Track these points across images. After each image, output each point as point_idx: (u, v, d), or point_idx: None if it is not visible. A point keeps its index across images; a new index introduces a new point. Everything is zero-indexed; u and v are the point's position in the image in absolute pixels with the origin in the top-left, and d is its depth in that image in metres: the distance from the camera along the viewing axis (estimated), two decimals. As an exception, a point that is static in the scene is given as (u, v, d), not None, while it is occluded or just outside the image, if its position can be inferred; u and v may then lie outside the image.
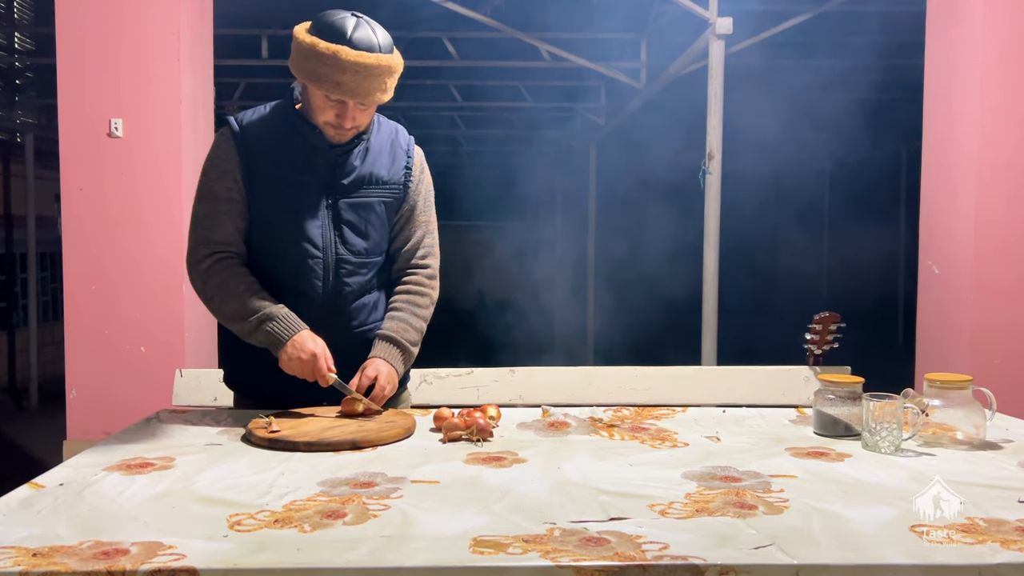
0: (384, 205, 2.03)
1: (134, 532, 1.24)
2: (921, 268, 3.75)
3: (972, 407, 1.75)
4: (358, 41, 1.84)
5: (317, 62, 1.85)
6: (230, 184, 1.96)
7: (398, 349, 2.00)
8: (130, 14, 3.58)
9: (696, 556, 1.14)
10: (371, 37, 1.86)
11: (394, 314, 2.04)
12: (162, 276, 3.59)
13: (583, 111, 9.83)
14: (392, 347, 2.00)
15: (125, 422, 2.07)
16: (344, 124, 1.91)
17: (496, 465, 1.59)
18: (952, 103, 3.55)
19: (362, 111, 1.92)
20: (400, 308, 2.05)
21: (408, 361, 2.04)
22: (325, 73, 1.84)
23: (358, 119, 1.93)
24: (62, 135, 3.60)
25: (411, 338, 2.03)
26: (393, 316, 2.04)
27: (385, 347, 2.00)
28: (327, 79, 1.85)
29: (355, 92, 1.86)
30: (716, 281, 4.41)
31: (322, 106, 1.91)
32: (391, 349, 2.00)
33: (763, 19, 5.80)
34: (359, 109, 1.91)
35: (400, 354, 2.01)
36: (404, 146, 2.08)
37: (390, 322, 2.03)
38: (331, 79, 1.84)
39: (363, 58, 1.83)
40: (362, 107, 1.91)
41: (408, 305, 2.06)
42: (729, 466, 1.58)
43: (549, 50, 6.66)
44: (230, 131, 1.98)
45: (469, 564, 1.12)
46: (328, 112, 1.91)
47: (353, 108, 1.90)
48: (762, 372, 2.54)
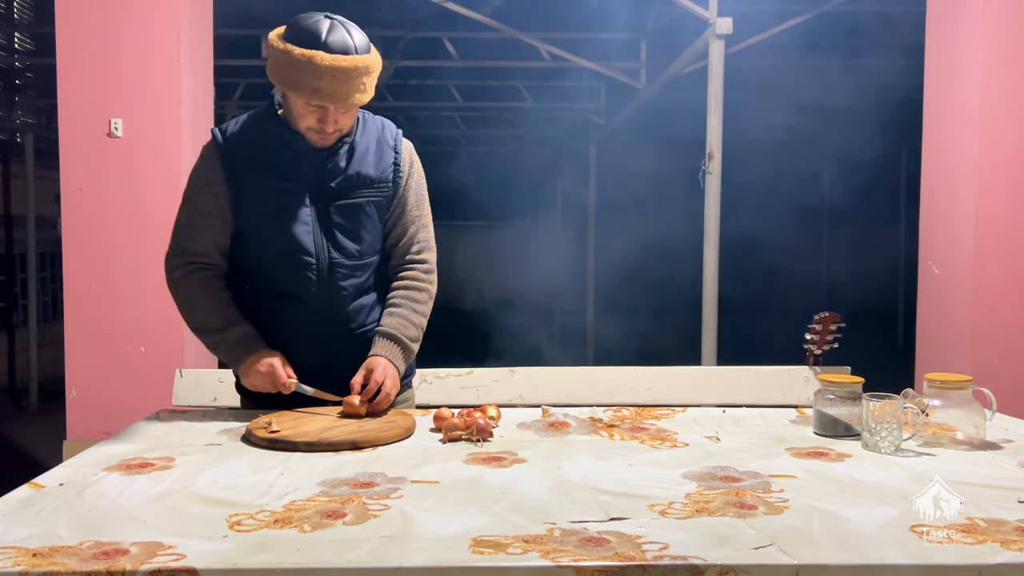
0: (374, 205, 2.02)
1: (134, 532, 1.24)
2: (921, 268, 3.75)
3: (972, 407, 1.75)
4: (333, 44, 1.82)
5: (293, 69, 1.82)
6: (208, 199, 1.96)
7: (399, 347, 1.99)
8: (130, 14, 3.58)
9: (696, 556, 1.14)
10: (346, 39, 1.84)
11: (393, 310, 2.02)
12: (162, 276, 3.54)
13: (583, 111, 9.83)
14: (392, 344, 1.98)
15: (125, 422, 2.06)
16: (326, 129, 1.90)
17: (496, 465, 1.59)
18: (952, 103, 3.55)
19: (344, 114, 1.91)
20: (399, 304, 2.03)
21: (408, 358, 2.02)
22: (301, 80, 1.82)
23: (340, 123, 1.91)
24: (62, 135, 3.60)
25: (411, 335, 2.01)
26: (392, 312, 2.02)
27: (385, 344, 1.98)
28: (304, 86, 1.83)
29: (334, 96, 1.84)
30: (716, 281, 4.41)
31: (303, 112, 1.89)
32: (392, 347, 1.98)
33: (763, 19, 5.80)
34: (341, 113, 1.90)
35: (401, 351, 1.99)
36: (391, 141, 2.05)
37: (389, 318, 2.01)
38: (308, 86, 1.82)
39: (339, 61, 1.81)
40: (343, 110, 1.90)
41: (407, 301, 2.04)
42: (729, 466, 1.58)
43: (549, 50, 6.66)
44: (214, 144, 1.98)
45: (469, 564, 1.12)
46: (309, 118, 1.89)
47: (334, 112, 1.88)
48: (762, 372, 2.54)
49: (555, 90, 9.07)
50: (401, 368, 1.99)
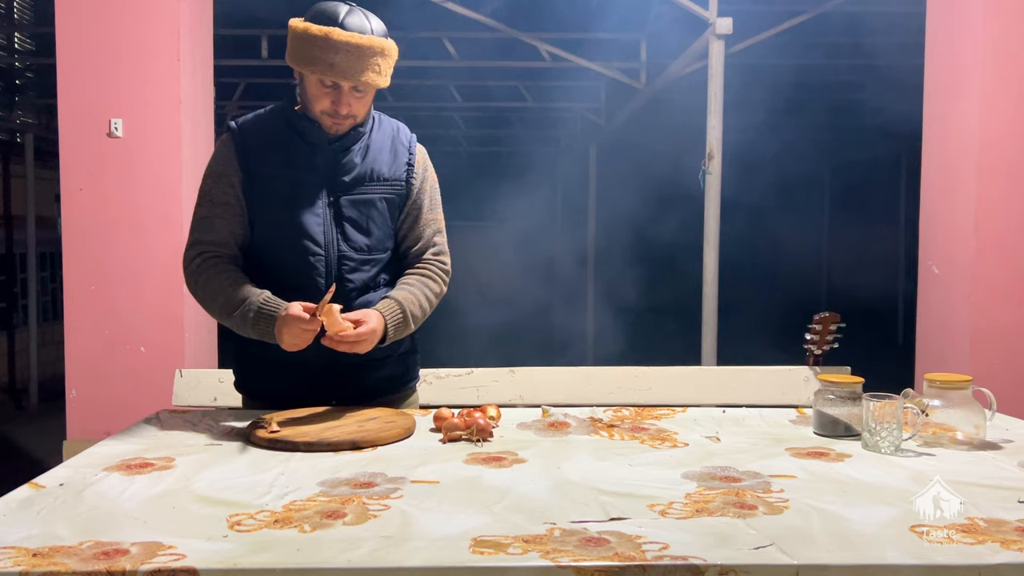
0: (386, 202, 2.03)
1: (134, 532, 1.24)
2: (921, 268, 3.75)
3: (972, 407, 1.75)
4: (350, 24, 1.87)
5: (309, 45, 1.87)
6: (226, 189, 1.97)
7: (400, 312, 1.95)
8: (130, 14, 3.57)
9: (696, 556, 1.14)
10: (363, 21, 1.90)
11: (404, 286, 2.02)
12: (162, 276, 3.58)
13: (583, 111, 9.83)
14: (396, 309, 1.95)
15: (125, 422, 2.06)
16: (340, 111, 1.91)
17: (496, 465, 1.59)
18: (952, 103, 3.55)
19: (358, 99, 1.92)
20: (412, 284, 2.03)
21: (403, 330, 1.98)
22: (317, 55, 1.86)
23: (354, 107, 1.93)
24: (62, 135, 3.60)
25: (415, 311, 1.99)
26: (403, 287, 2.01)
27: (389, 305, 1.95)
28: (319, 61, 1.86)
29: (347, 73, 1.86)
30: (716, 281, 4.41)
31: (317, 94, 1.92)
32: (394, 311, 1.95)
33: (763, 19, 5.80)
34: (355, 96, 1.91)
35: (401, 317, 1.95)
36: (405, 143, 2.08)
37: (400, 291, 2.00)
38: (323, 60, 1.86)
39: (354, 38, 1.85)
40: (357, 94, 1.92)
41: (420, 283, 2.04)
42: (729, 466, 1.58)
43: (549, 50, 6.66)
44: (230, 136, 1.99)
45: (469, 564, 1.12)
46: (324, 100, 1.91)
47: (348, 94, 1.90)
48: (762, 372, 2.54)
49: (555, 90, 9.07)
50: (391, 334, 1.94)
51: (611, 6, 6.25)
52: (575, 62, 6.72)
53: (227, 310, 1.90)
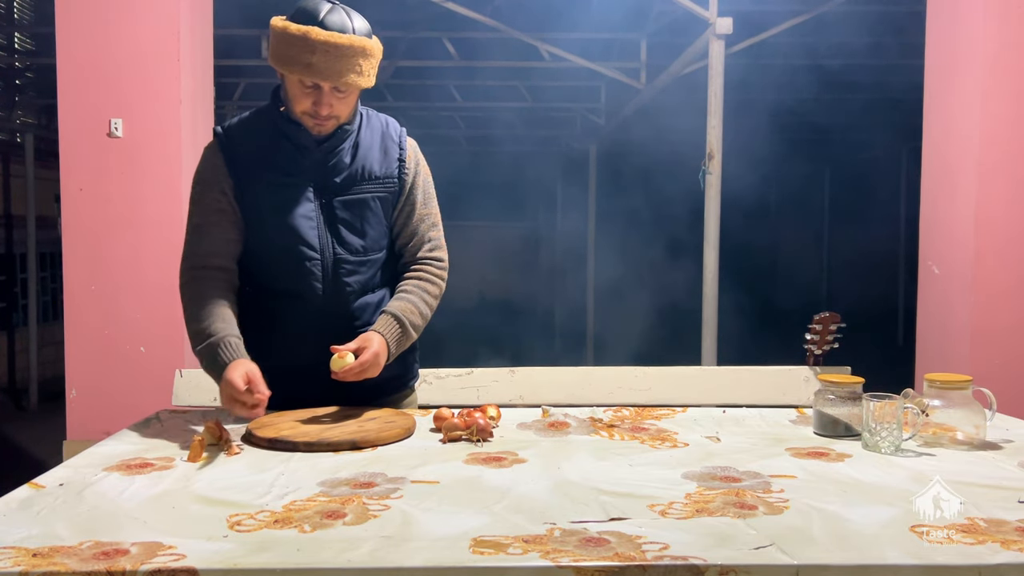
0: (379, 200, 2.00)
1: (134, 532, 1.24)
2: (921, 268, 3.74)
3: (972, 407, 1.75)
4: (330, 23, 1.82)
5: (287, 44, 1.83)
6: (219, 196, 1.94)
7: (399, 329, 1.94)
8: (130, 14, 3.57)
9: (696, 556, 1.14)
10: (344, 20, 1.84)
11: (403, 295, 2.00)
12: (162, 276, 3.58)
13: (583, 111, 9.83)
14: (394, 325, 1.94)
15: (125, 422, 2.06)
16: (320, 112, 1.87)
17: (496, 465, 1.58)
18: (952, 103, 3.55)
19: (339, 99, 1.88)
20: (409, 291, 2.01)
21: (404, 343, 1.97)
22: (295, 55, 1.82)
23: (336, 107, 1.89)
24: (62, 135, 3.60)
25: (414, 321, 1.98)
26: (401, 297, 2.00)
27: (387, 322, 1.94)
28: (297, 61, 1.82)
29: (326, 73, 1.82)
30: (716, 281, 4.41)
31: (298, 95, 1.88)
32: (392, 327, 1.94)
33: (763, 19, 5.79)
34: (336, 96, 1.87)
35: (400, 333, 1.94)
36: (395, 138, 2.04)
37: (397, 302, 1.98)
38: (301, 60, 1.82)
39: (334, 38, 1.81)
40: (339, 94, 1.87)
41: (418, 291, 2.02)
42: (729, 466, 1.58)
43: (549, 50, 6.65)
44: (216, 143, 1.97)
45: (469, 564, 1.12)
46: (304, 100, 1.88)
47: (329, 95, 1.86)
48: (762, 372, 2.54)
49: (555, 90, 9.07)
50: (393, 350, 1.94)
51: (611, 6, 6.24)
52: (575, 62, 6.72)
53: (194, 342, 1.89)
